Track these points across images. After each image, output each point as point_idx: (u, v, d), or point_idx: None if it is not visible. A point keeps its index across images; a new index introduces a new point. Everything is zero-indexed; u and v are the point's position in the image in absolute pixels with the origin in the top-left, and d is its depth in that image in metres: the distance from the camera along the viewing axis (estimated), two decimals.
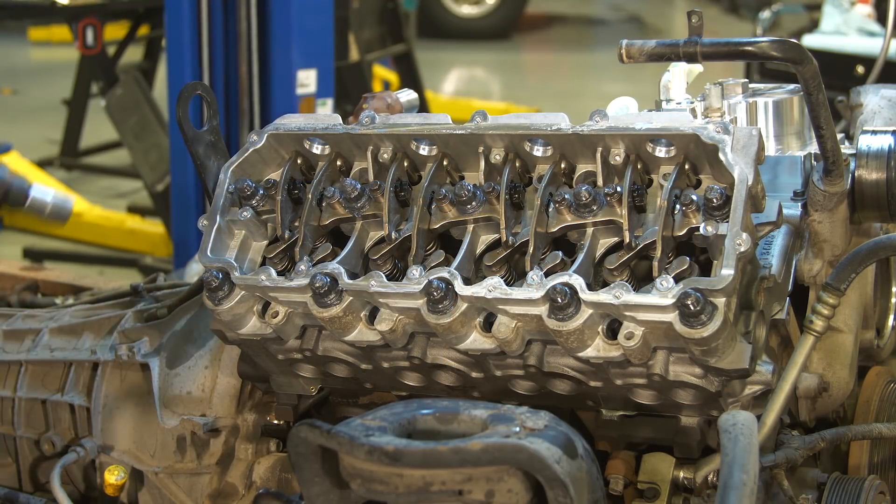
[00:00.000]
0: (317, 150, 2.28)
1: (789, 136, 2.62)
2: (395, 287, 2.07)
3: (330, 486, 1.72)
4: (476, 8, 14.47)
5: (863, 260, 2.19)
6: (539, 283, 1.99)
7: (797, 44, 2.16)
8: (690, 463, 2.17)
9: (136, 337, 2.59)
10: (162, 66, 6.99)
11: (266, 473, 2.50)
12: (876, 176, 2.35)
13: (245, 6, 5.30)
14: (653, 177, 2.09)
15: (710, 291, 1.90)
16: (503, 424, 1.66)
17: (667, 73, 2.69)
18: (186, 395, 2.50)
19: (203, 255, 2.20)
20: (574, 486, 1.60)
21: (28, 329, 2.77)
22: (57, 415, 2.68)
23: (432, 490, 1.63)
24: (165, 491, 2.52)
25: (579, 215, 2.07)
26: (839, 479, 2.21)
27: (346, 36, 7.04)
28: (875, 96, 2.90)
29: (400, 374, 2.24)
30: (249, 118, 5.39)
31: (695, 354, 1.97)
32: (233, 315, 2.20)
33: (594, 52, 14.62)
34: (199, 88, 2.36)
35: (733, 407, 2.10)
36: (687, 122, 2.03)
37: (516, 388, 2.18)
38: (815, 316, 2.17)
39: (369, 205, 2.20)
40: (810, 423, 2.35)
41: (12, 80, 12.19)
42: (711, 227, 1.96)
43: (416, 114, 2.38)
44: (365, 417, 1.71)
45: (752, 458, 1.65)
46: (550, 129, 2.10)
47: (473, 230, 2.14)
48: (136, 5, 7.47)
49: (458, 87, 12.64)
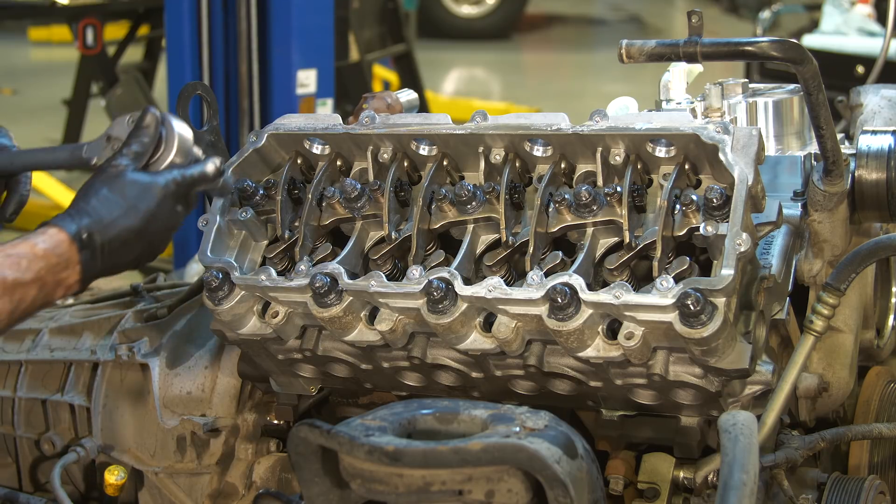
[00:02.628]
0: (317, 150, 2.28)
1: (789, 136, 2.62)
2: (395, 287, 2.07)
3: (330, 486, 1.72)
4: (476, 8, 14.45)
5: (863, 260, 2.19)
6: (539, 283, 1.99)
7: (797, 44, 2.16)
8: (690, 463, 2.17)
9: (136, 337, 2.59)
10: (162, 66, 6.99)
11: (266, 473, 2.50)
12: (876, 176, 2.35)
13: (245, 6, 5.30)
14: (653, 177, 2.09)
15: (710, 291, 1.90)
16: (503, 424, 1.66)
17: (667, 73, 2.69)
18: (186, 395, 2.50)
19: (203, 255, 2.20)
20: (574, 486, 1.60)
21: (28, 329, 2.77)
22: (57, 415, 2.68)
23: (432, 490, 1.63)
24: (165, 491, 2.52)
25: (579, 215, 2.07)
26: (839, 479, 2.21)
27: (346, 36, 7.04)
28: (875, 96, 2.90)
29: (400, 374, 2.24)
30: (249, 118, 5.38)
31: (695, 354, 1.97)
32: (233, 315, 2.20)
33: (594, 52, 14.61)
34: (199, 88, 2.36)
35: (733, 407, 2.10)
36: (687, 122, 2.03)
37: (516, 388, 2.18)
38: (815, 316, 2.17)
39: (369, 205, 2.20)
40: (810, 423, 2.35)
41: (12, 80, 12.18)
42: (711, 227, 1.96)
43: (416, 114, 2.38)
44: (365, 417, 1.71)
45: (752, 458, 1.65)
46: (550, 129, 2.10)
47: (473, 230, 2.14)
48: (136, 5, 7.47)
49: (458, 87, 12.64)
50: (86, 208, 1.90)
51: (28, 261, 1.83)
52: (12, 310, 1.81)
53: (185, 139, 2.02)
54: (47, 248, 1.85)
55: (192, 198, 2.02)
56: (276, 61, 5.39)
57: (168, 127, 2.00)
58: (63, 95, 8.70)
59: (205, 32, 5.31)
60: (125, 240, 1.92)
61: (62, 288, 1.89)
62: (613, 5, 17.89)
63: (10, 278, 1.80)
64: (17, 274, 1.81)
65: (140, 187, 1.95)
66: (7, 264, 1.81)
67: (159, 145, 2.00)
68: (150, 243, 1.97)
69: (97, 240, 1.89)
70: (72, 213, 1.90)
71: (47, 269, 1.85)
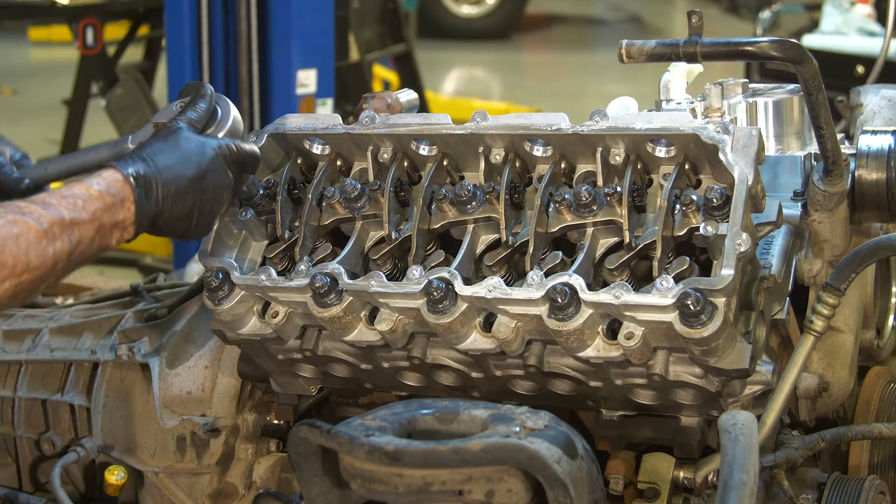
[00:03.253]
0: (317, 150, 2.28)
1: (789, 136, 2.62)
2: (395, 287, 2.07)
3: (330, 486, 1.72)
4: (476, 8, 14.46)
5: (863, 260, 2.19)
6: (539, 283, 1.99)
7: (797, 44, 2.16)
8: (690, 463, 2.17)
9: (136, 337, 2.59)
10: (162, 66, 6.98)
11: (266, 473, 2.50)
12: (876, 176, 2.35)
13: (245, 6, 5.30)
14: (653, 177, 2.09)
15: (710, 291, 1.90)
16: (503, 424, 1.66)
17: (667, 73, 2.69)
18: (186, 395, 2.50)
19: (203, 256, 2.20)
20: (574, 486, 1.60)
21: (28, 329, 2.77)
22: (57, 415, 2.68)
23: (432, 490, 1.63)
24: (165, 491, 2.52)
25: (579, 215, 2.07)
26: (839, 479, 2.21)
27: (346, 36, 7.03)
28: (875, 96, 2.90)
29: (400, 374, 2.24)
30: (249, 118, 5.39)
31: (695, 354, 1.97)
32: (233, 315, 2.20)
33: (594, 52, 14.61)
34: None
35: (733, 407, 2.10)
36: (687, 122, 2.03)
37: (516, 388, 2.18)
38: (815, 316, 2.17)
39: (369, 205, 2.20)
40: (810, 423, 2.35)
41: (12, 80, 12.19)
42: (711, 227, 1.96)
43: (416, 114, 2.38)
44: (365, 417, 1.71)
45: (752, 458, 1.65)
46: (550, 129, 2.10)
47: (473, 230, 2.14)
48: (136, 5, 7.46)
49: (458, 87, 12.64)
50: (141, 154, 1.96)
51: (84, 200, 1.84)
52: (71, 250, 1.82)
53: (237, 120, 2.12)
54: (101, 189, 1.88)
55: (239, 174, 2.07)
56: (276, 61, 5.39)
57: (223, 105, 2.08)
58: (63, 95, 8.70)
59: (205, 32, 5.32)
60: (178, 187, 1.96)
61: (118, 230, 1.91)
62: (613, 5, 17.89)
63: (67, 217, 1.81)
64: (74, 213, 1.82)
65: (195, 142, 2.02)
66: (64, 204, 1.82)
67: (213, 119, 2.07)
68: (202, 199, 2.00)
69: (151, 180, 1.93)
70: (127, 158, 1.95)
71: (103, 209, 1.87)
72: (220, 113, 2.11)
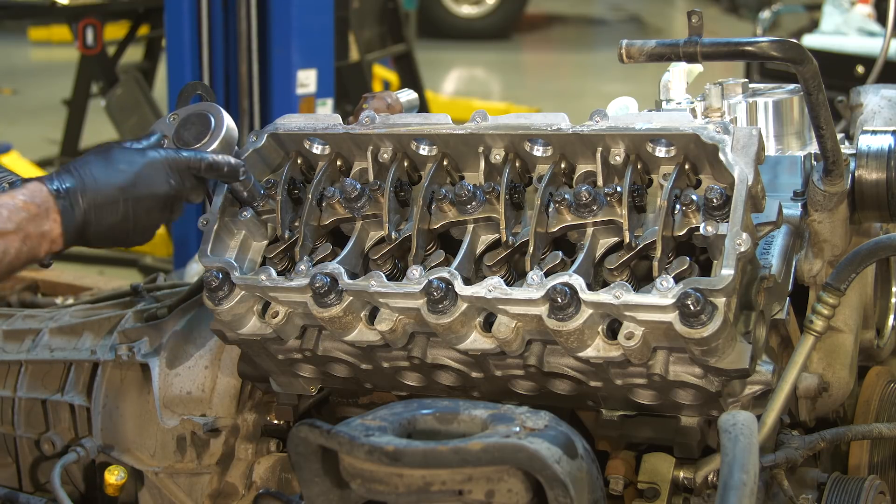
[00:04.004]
0: (317, 150, 2.28)
1: (789, 136, 2.62)
2: (395, 287, 2.07)
3: (330, 486, 1.72)
4: (476, 8, 14.46)
5: (863, 260, 2.19)
6: (539, 283, 1.99)
7: (797, 44, 2.16)
8: (690, 463, 2.17)
9: (136, 337, 2.59)
10: (162, 66, 6.98)
11: (266, 473, 2.50)
12: (876, 176, 2.35)
13: (245, 6, 5.30)
14: (653, 177, 2.09)
15: (710, 291, 1.90)
16: (503, 424, 1.66)
17: (667, 73, 2.69)
18: (186, 395, 2.50)
19: (203, 255, 2.20)
20: (574, 486, 1.60)
21: (28, 329, 2.77)
22: (57, 415, 2.68)
23: (432, 490, 1.63)
24: (165, 491, 2.52)
25: (579, 215, 2.07)
26: (839, 479, 2.21)
27: (346, 36, 7.04)
28: (875, 96, 2.90)
29: (400, 374, 2.24)
30: (249, 118, 5.39)
31: (695, 354, 1.97)
32: (233, 315, 2.20)
33: (594, 52, 14.61)
34: (199, 88, 2.36)
35: (733, 407, 2.10)
36: (687, 122, 2.03)
37: (516, 388, 2.18)
38: (815, 316, 2.17)
39: (369, 205, 2.20)
40: (810, 423, 2.35)
41: (12, 80, 12.19)
42: (711, 227, 1.96)
43: (416, 114, 2.38)
44: (365, 417, 1.71)
45: (752, 458, 1.65)
46: (550, 129, 2.10)
47: (473, 230, 2.14)
48: (136, 5, 7.47)
49: (458, 87, 12.64)
50: (68, 167, 1.96)
51: (8, 211, 1.85)
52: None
53: (231, 128, 2.13)
54: (26, 198, 1.88)
55: (186, 177, 2.05)
56: (276, 61, 5.39)
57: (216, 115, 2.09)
58: (63, 95, 8.70)
59: (205, 32, 5.31)
60: (106, 195, 1.96)
61: (46, 242, 1.91)
62: (613, 5, 17.89)
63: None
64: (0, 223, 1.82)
65: (128, 153, 2.02)
66: None
67: (206, 129, 2.07)
68: (136, 206, 1.99)
69: (76, 190, 1.93)
70: (55, 172, 1.96)
71: (28, 219, 1.87)
72: (213, 123, 2.11)
